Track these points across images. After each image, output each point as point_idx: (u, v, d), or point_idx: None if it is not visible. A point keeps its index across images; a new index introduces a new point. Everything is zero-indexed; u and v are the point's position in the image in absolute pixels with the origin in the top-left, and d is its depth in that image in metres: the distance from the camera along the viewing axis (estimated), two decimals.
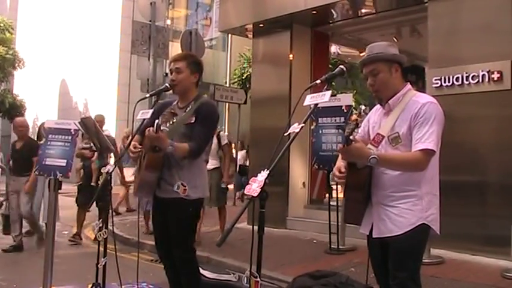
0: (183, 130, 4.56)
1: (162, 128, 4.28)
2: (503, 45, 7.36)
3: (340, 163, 3.60)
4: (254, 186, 2.85)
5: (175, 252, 4.67)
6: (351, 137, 3.09)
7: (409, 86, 3.56)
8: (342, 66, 3.42)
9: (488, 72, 7.40)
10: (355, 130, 3.14)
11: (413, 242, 3.40)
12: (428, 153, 3.29)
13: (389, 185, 3.42)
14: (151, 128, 4.18)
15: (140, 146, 4.54)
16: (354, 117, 3.06)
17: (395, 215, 3.39)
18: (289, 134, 3.08)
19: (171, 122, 4.48)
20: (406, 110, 3.42)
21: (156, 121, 4.20)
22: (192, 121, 4.54)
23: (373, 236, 3.52)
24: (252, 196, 2.83)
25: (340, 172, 3.56)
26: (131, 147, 4.56)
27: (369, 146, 3.43)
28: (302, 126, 3.05)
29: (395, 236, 3.38)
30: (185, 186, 4.50)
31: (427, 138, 3.28)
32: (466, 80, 7.60)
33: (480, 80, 7.48)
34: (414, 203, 3.37)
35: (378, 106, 3.71)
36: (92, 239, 9.51)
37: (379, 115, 3.66)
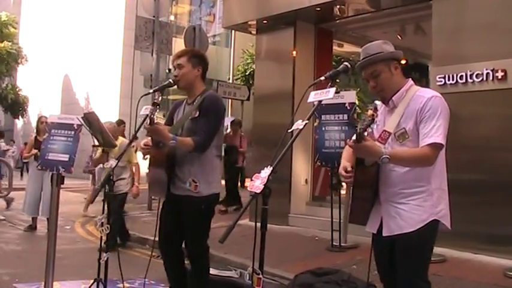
0: (189, 125, 4.59)
1: (156, 121, 4.28)
2: (507, 44, 7.32)
3: (346, 162, 3.56)
4: (257, 183, 2.83)
5: (189, 248, 4.68)
6: (365, 133, 3.05)
7: (411, 81, 3.55)
8: (346, 63, 3.41)
9: (492, 70, 7.36)
10: (371, 126, 3.09)
11: (423, 239, 3.39)
12: (437, 147, 3.27)
13: (398, 181, 3.39)
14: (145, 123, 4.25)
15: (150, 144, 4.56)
16: (370, 112, 2.98)
17: (406, 212, 3.36)
18: (293, 130, 3.07)
19: (155, 113, 4.45)
20: (410, 105, 3.40)
21: (151, 115, 4.23)
22: (196, 115, 4.56)
23: (384, 235, 3.47)
24: (255, 193, 2.81)
25: (346, 171, 3.50)
26: (142, 143, 4.59)
27: (376, 143, 3.37)
28: (306, 123, 3.04)
29: (406, 234, 3.35)
30: (196, 183, 4.52)
31: (435, 132, 3.26)
32: (470, 78, 7.56)
33: (484, 79, 7.44)
34: (424, 199, 3.35)
35: (380, 103, 3.67)
36: (94, 234, 9.54)
37: (382, 113, 3.62)
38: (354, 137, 3.11)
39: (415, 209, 3.35)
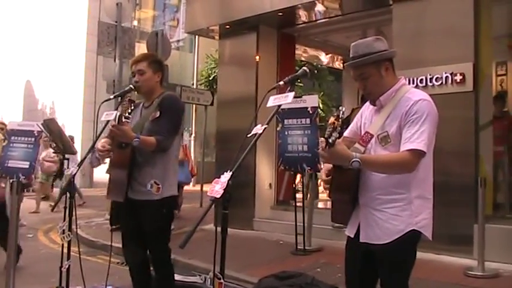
0: (149, 126, 4.54)
1: (123, 119, 4.19)
2: (465, 48, 7.49)
3: (329, 165, 3.38)
4: (217, 188, 2.81)
5: (153, 255, 4.64)
6: (330, 140, 2.86)
7: (402, 81, 3.39)
8: (305, 68, 3.38)
9: (451, 74, 7.51)
10: (333, 134, 2.89)
11: (402, 250, 3.25)
12: (417, 153, 3.12)
13: (376, 186, 3.24)
14: (112, 121, 4.17)
15: (109, 146, 4.51)
16: (332, 120, 2.87)
17: (382, 221, 3.22)
18: (253, 135, 3.06)
19: (130, 110, 4.35)
20: (397, 107, 3.23)
21: (117, 112, 4.17)
22: (157, 115, 4.53)
23: (361, 241, 3.33)
24: (215, 198, 2.78)
25: (327, 176, 3.37)
26: (99, 146, 4.53)
27: (357, 145, 3.25)
28: (265, 128, 3.03)
29: (384, 244, 3.21)
30: (158, 185, 4.48)
31: (417, 138, 3.12)
32: (430, 82, 7.69)
33: (443, 82, 7.59)
34: (402, 208, 3.21)
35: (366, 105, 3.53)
36: (57, 241, 9.41)
37: (370, 111, 3.46)
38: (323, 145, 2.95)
39: (392, 218, 3.20)
